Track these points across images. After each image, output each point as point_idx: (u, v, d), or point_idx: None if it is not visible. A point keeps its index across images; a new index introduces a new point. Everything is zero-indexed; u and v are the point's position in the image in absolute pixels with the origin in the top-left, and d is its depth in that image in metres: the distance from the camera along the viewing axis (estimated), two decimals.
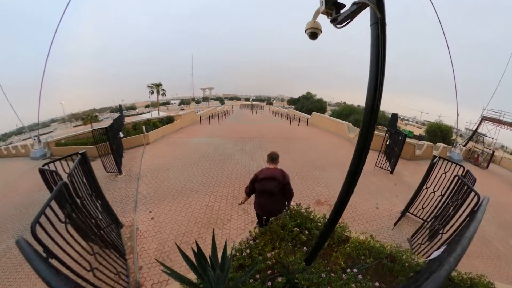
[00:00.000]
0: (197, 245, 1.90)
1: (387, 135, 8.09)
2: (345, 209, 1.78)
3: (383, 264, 2.43)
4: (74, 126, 63.29)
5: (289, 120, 21.09)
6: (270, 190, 2.90)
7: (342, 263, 2.37)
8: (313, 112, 19.92)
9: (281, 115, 28.96)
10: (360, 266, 2.29)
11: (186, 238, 4.15)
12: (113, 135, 7.22)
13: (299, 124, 18.92)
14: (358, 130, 11.55)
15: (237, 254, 2.67)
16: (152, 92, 45.13)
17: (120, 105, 12.49)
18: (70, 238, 2.46)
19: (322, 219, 3.23)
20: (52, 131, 52.96)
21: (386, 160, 8.03)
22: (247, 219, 4.70)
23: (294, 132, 14.86)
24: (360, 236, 2.92)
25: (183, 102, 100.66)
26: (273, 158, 3.06)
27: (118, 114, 11.38)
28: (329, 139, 12.99)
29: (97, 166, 7.63)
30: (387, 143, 8.06)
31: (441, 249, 2.42)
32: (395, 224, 4.62)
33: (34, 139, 11.13)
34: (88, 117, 48.14)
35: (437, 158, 4.36)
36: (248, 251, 2.68)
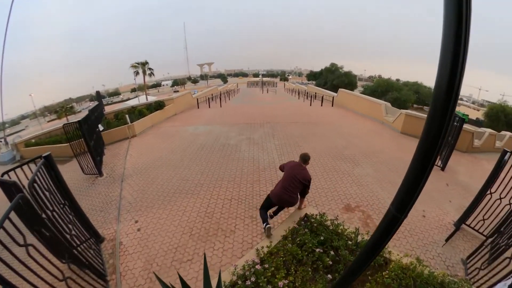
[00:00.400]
0: (181, 280, 1.78)
1: None
2: (396, 231, 1.50)
3: None
4: (48, 121, 65.10)
5: (309, 100, 20.60)
6: (294, 186, 3.88)
7: None
8: (339, 89, 19.36)
9: (299, 93, 28.36)
10: None
11: (179, 255, 4.15)
12: (89, 129, 7.28)
13: (322, 105, 18.53)
14: (399, 112, 11.04)
15: (239, 282, 2.58)
16: (137, 73, 45.24)
17: (97, 92, 12.47)
18: (36, 262, 2.46)
19: (354, 235, 3.06)
20: (23, 129, 55.12)
21: None
22: (256, 229, 4.62)
23: (315, 115, 14.61)
24: (403, 259, 2.72)
25: (177, 82, 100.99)
26: (305, 159, 4.05)
27: (96, 103, 11.45)
28: (361, 123, 12.64)
29: (73, 168, 7.87)
30: None
31: (508, 281, 2.19)
32: (447, 240, 4.36)
33: (0, 141, 11.58)
34: (63, 109, 49.41)
35: (509, 153, 3.97)
36: (253, 278, 2.57)
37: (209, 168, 7.20)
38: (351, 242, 2.90)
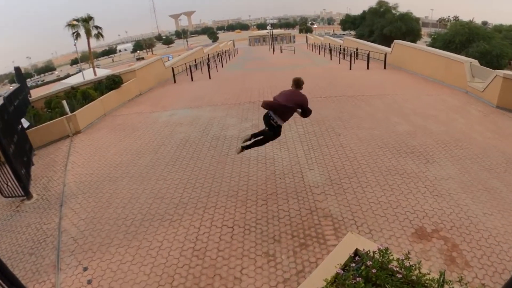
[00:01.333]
0: None
1: None
2: None
3: None
4: None
5: (347, 60, 20.33)
6: (285, 104, 5.64)
7: None
8: (394, 41, 19.15)
9: (330, 51, 27.93)
10: None
11: None
12: (5, 127, 7.26)
13: (368, 67, 18.33)
14: (493, 74, 10.69)
15: None
16: (78, 35, 45.80)
17: (17, 69, 12.37)
18: None
19: (437, 284, 2.85)
20: None
21: None
22: (275, 275, 4.48)
23: (358, 84, 14.56)
24: None
25: (141, 45, 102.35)
26: (299, 84, 5.84)
27: (16, 86, 11.42)
28: (432, 93, 12.48)
29: None
30: None
31: None
32: None
33: None
34: None
35: None
36: None
37: (196, 178, 7.18)
38: None
